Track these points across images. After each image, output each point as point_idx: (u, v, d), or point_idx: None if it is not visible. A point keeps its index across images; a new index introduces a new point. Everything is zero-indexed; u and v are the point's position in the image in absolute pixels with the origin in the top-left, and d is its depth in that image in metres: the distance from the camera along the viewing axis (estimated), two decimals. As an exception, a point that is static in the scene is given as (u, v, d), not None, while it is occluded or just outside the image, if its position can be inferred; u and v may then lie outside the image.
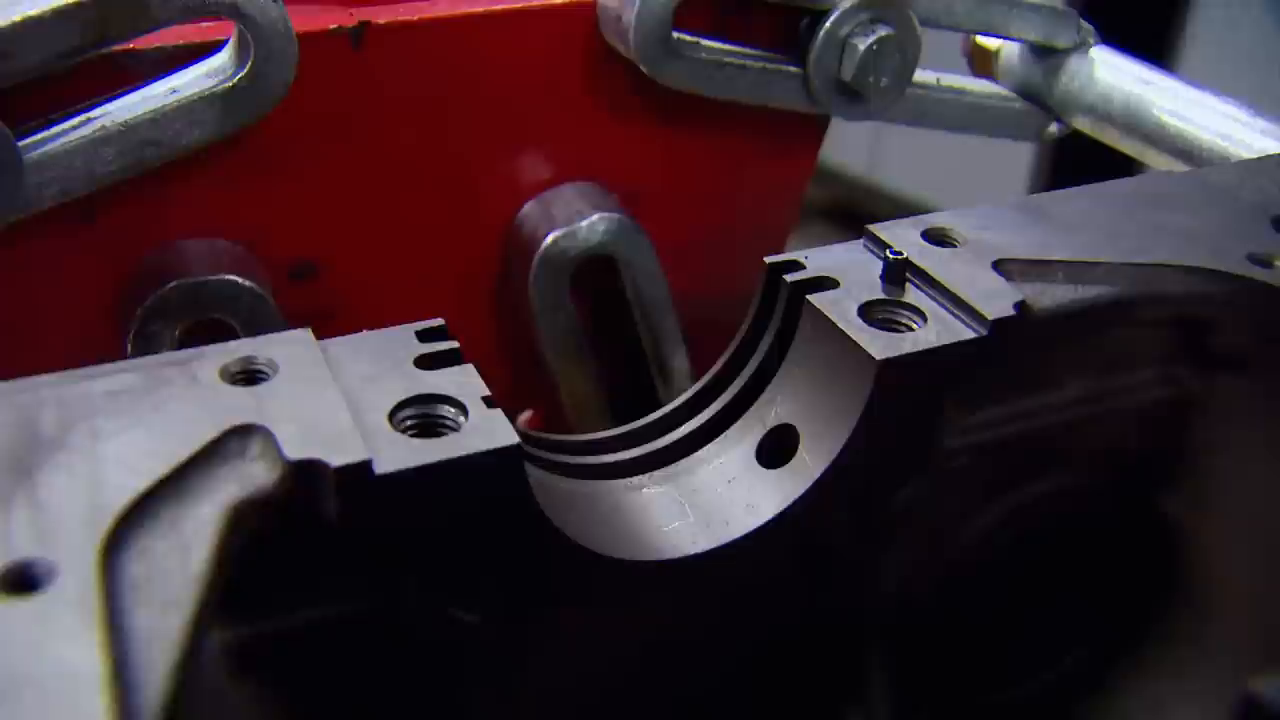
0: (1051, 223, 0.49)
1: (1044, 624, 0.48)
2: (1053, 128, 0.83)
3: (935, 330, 0.44)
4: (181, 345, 0.62)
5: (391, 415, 0.38)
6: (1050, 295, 0.45)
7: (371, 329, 0.43)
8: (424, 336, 0.42)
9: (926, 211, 0.51)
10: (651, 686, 0.48)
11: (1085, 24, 0.79)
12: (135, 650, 0.30)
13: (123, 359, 0.61)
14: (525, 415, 0.78)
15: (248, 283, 0.62)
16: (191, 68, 0.60)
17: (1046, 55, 0.80)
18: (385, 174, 0.68)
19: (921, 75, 0.75)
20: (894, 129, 0.80)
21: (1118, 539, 0.51)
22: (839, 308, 0.45)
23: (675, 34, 0.67)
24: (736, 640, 0.49)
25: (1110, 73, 0.78)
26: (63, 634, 0.29)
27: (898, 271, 0.46)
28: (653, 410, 0.50)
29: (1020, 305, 0.44)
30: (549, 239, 0.70)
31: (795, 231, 0.82)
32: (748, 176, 0.78)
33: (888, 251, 0.46)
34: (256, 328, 0.63)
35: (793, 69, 0.71)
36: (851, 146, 2.80)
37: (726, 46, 0.70)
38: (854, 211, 2.63)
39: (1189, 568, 0.52)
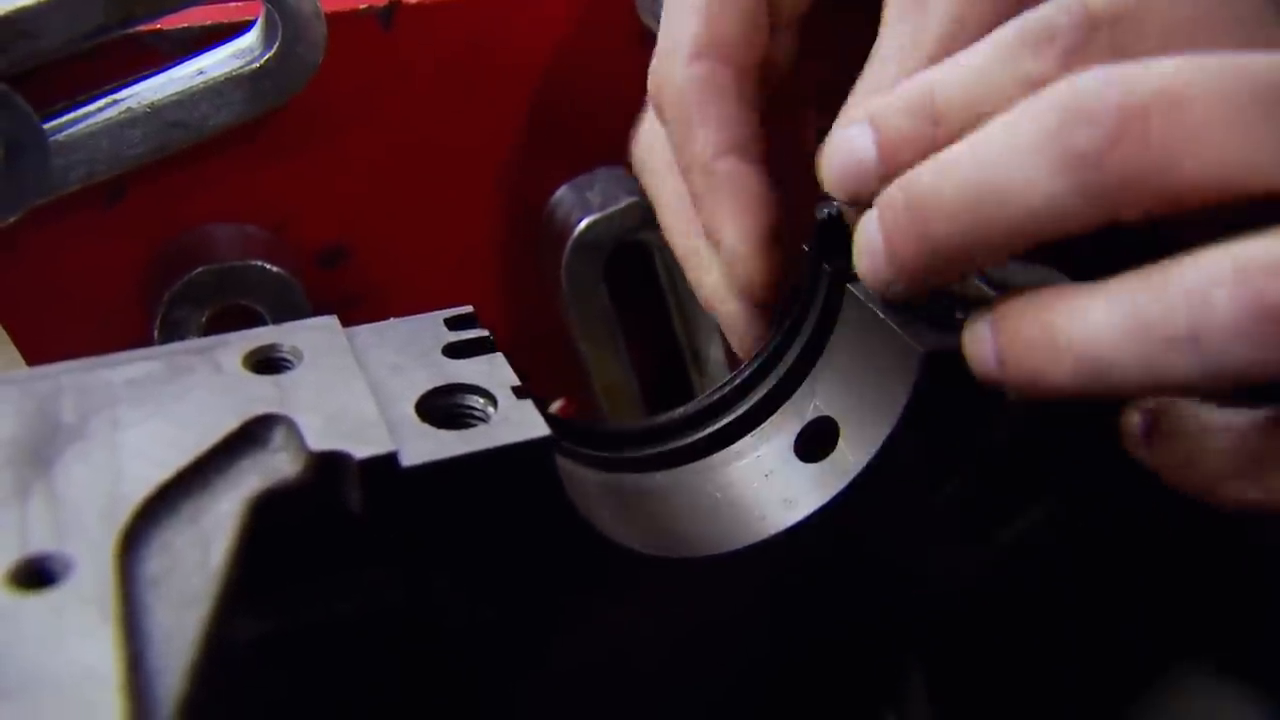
0: None
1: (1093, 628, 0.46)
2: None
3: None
4: (209, 331, 0.62)
5: (419, 405, 0.37)
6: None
7: (400, 315, 0.42)
8: (453, 324, 0.41)
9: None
10: (681, 685, 0.47)
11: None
12: (153, 648, 0.29)
13: (149, 344, 0.61)
14: (558, 404, 0.77)
15: (275, 268, 0.62)
16: (219, 48, 0.59)
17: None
18: (415, 158, 0.67)
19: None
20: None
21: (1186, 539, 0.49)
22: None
23: (713, 15, 0.66)
24: (771, 638, 0.47)
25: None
26: (79, 631, 0.28)
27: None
28: (687, 400, 0.49)
29: None
30: (582, 224, 0.68)
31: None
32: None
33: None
34: (284, 313, 0.62)
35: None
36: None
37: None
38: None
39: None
